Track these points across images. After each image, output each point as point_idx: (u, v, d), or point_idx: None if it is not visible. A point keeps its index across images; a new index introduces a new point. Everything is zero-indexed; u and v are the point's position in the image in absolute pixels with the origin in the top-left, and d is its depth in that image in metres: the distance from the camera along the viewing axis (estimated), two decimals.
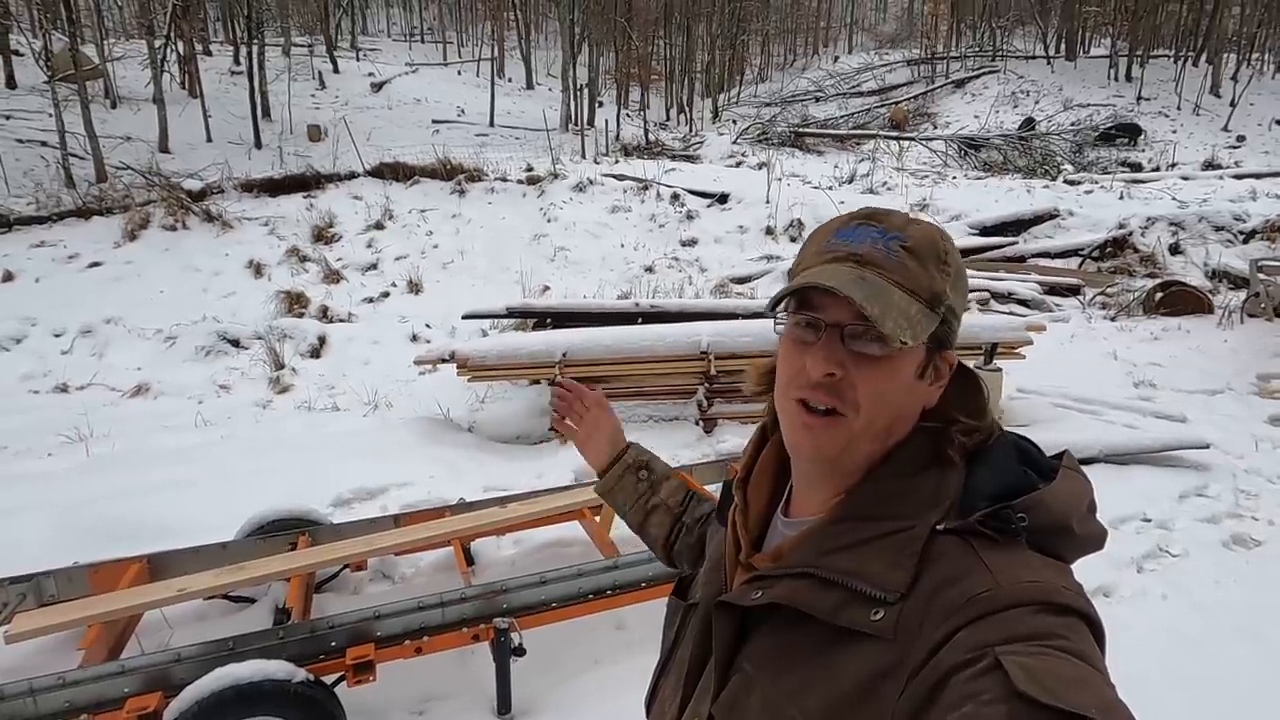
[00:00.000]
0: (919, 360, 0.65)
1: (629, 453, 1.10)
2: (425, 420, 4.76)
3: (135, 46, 17.59)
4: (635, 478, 1.09)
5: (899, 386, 0.65)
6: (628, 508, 1.09)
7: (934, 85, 24.85)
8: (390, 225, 8.99)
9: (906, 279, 0.64)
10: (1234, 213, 9.51)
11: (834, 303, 0.64)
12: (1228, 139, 18.28)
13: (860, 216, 0.68)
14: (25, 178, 10.15)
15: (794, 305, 0.68)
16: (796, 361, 0.66)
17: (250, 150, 13.42)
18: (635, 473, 1.09)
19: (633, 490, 1.08)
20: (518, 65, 26.45)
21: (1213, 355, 6.28)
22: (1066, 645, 0.51)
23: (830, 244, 0.68)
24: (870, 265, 0.64)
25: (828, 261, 0.66)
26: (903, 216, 0.68)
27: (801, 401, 0.66)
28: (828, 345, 0.64)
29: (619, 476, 1.09)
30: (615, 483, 1.09)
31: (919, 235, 0.66)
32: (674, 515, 1.07)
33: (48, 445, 4.56)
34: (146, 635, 2.62)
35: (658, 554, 1.10)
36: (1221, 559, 3.41)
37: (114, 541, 3.05)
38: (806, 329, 0.66)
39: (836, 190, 11.19)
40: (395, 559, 3.21)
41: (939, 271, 0.65)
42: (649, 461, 1.11)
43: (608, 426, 1.12)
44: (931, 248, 0.66)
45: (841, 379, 0.64)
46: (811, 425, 0.65)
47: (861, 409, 0.64)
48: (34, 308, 6.69)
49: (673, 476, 1.11)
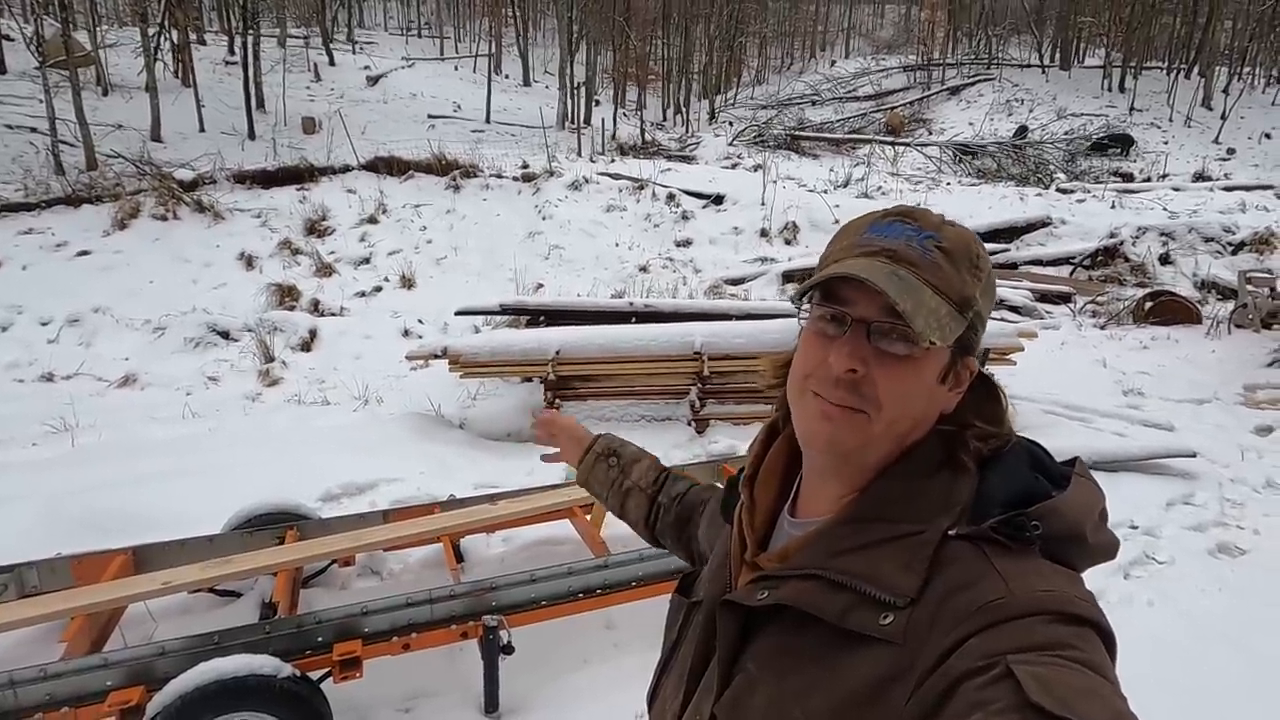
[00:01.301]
0: (943, 363, 0.64)
1: (597, 443, 1.18)
2: (416, 416, 4.74)
3: (128, 34, 17.42)
4: (605, 465, 1.15)
5: (921, 388, 0.64)
6: (605, 494, 1.15)
7: (930, 91, 24.95)
8: (384, 220, 8.94)
9: (939, 280, 0.63)
10: (1223, 224, 9.61)
11: (862, 297, 0.63)
12: (1218, 151, 18.45)
13: (895, 213, 0.67)
14: (14, 164, 10.02)
15: (819, 297, 0.66)
16: (818, 354, 0.65)
17: (244, 141, 13.30)
18: (605, 460, 1.15)
19: (605, 477, 1.15)
20: (515, 62, 26.38)
21: (1201, 365, 6.34)
22: (1079, 656, 0.51)
23: (864, 238, 0.66)
24: (904, 262, 0.63)
25: (860, 255, 0.65)
26: (938, 216, 0.67)
27: (820, 395, 0.65)
28: (853, 340, 0.63)
29: (590, 466, 1.16)
30: (588, 473, 1.16)
31: (954, 237, 0.65)
32: (649, 496, 1.12)
33: (33, 435, 4.51)
34: (130, 628, 2.59)
35: (642, 535, 1.15)
36: (1208, 567, 3.44)
37: (99, 533, 3.02)
38: (831, 322, 0.65)
39: (831, 194, 11.22)
40: (384, 555, 3.18)
41: (971, 275, 0.65)
42: (617, 449, 1.17)
43: (575, 430, 1.22)
44: (965, 251, 0.65)
45: (863, 376, 0.63)
46: (830, 415, 0.64)
47: (883, 408, 0.63)
48: (21, 295, 6.61)
49: (644, 459, 1.16)
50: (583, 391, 4.74)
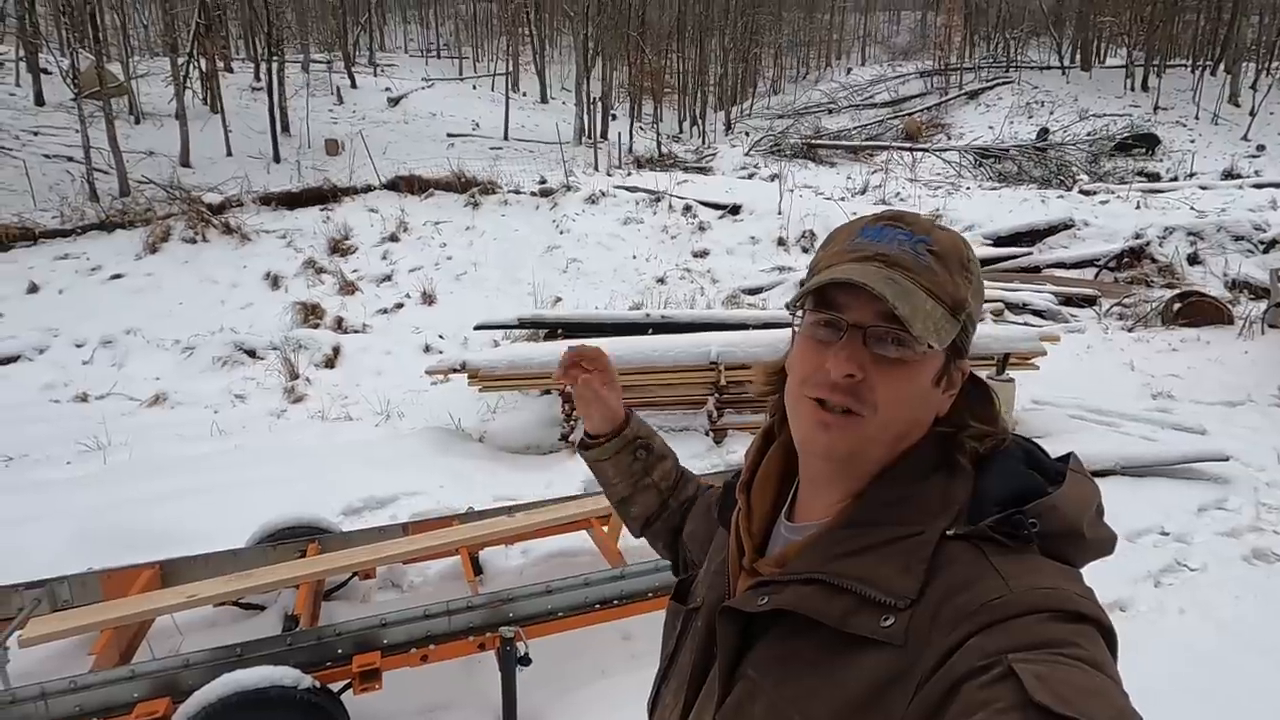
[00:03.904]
0: (937, 366, 0.65)
1: (629, 426, 1.03)
2: (436, 430, 4.79)
3: (159, 64, 18.00)
4: (632, 456, 1.03)
5: (917, 391, 0.64)
6: (618, 481, 1.04)
7: (947, 97, 24.79)
8: (405, 237, 9.09)
9: (933, 283, 0.63)
10: (1254, 222, 9.37)
11: (858, 302, 0.63)
12: (1247, 148, 18.05)
13: (885, 218, 0.68)
14: (51, 191, 10.39)
15: (814, 303, 0.67)
16: (815, 360, 0.65)
17: (269, 164, 13.65)
18: (632, 450, 1.03)
19: (626, 468, 1.03)
20: (532, 79, 26.75)
21: (1232, 367, 6.17)
22: (1081, 654, 0.50)
23: (855, 243, 0.67)
24: (898, 267, 0.63)
25: (853, 260, 0.65)
26: (928, 220, 0.68)
27: (818, 400, 0.65)
28: (849, 345, 0.63)
29: (615, 451, 1.03)
30: (611, 455, 1.03)
31: (945, 240, 0.66)
32: (662, 498, 1.05)
33: (67, 454, 4.64)
34: (157, 641, 2.65)
35: (630, 525, 1.08)
36: (1241, 574, 3.34)
37: (129, 549, 3.09)
38: (826, 328, 0.65)
39: (849, 201, 11.18)
40: (404, 567, 3.21)
41: (962, 278, 0.65)
42: (647, 440, 1.05)
43: (609, 398, 1.02)
44: (956, 254, 0.66)
45: (861, 381, 0.63)
46: (827, 422, 0.64)
47: (879, 411, 0.63)
48: (57, 319, 6.83)
49: (668, 458, 1.07)
50: None
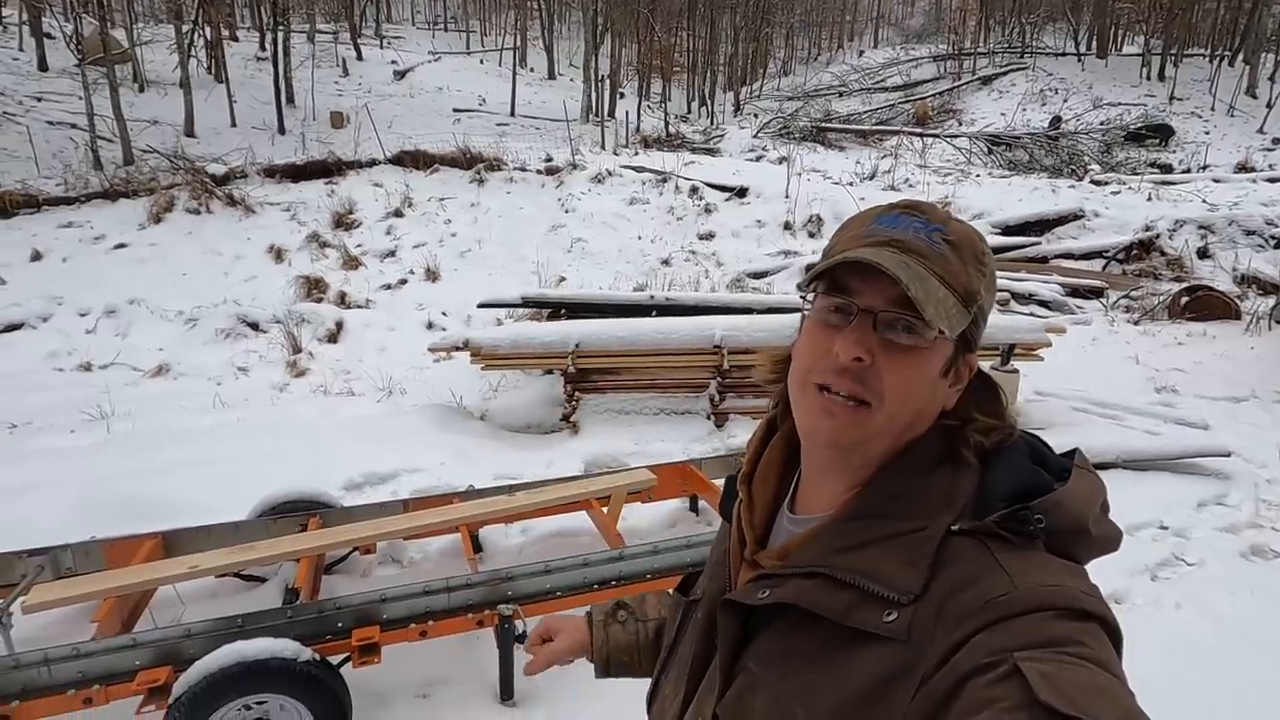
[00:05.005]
0: (946, 357, 0.64)
1: (593, 614, 1.03)
2: (438, 407, 4.79)
3: (163, 31, 17.81)
4: (619, 625, 1.01)
5: (925, 380, 0.64)
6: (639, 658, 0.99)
7: (960, 82, 24.44)
8: (409, 213, 9.04)
9: (946, 271, 0.63)
10: (1266, 217, 9.28)
11: (869, 287, 0.63)
12: (1263, 141, 17.80)
13: (901, 206, 0.68)
14: (55, 159, 10.34)
15: (825, 287, 0.66)
16: (823, 344, 0.64)
17: (274, 136, 13.56)
18: (613, 617, 1.01)
19: (626, 641, 1.00)
20: (540, 55, 26.45)
21: (1238, 362, 6.14)
22: (1086, 652, 0.50)
23: (871, 229, 0.66)
24: (912, 253, 0.63)
25: (867, 245, 0.64)
26: (944, 211, 0.68)
27: (824, 387, 0.64)
28: (859, 329, 0.62)
29: (603, 632, 1.01)
30: (605, 643, 1.00)
31: (961, 231, 0.66)
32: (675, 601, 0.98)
33: (70, 422, 4.66)
34: (159, 610, 2.67)
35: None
36: (1239, 569, 3.34)
37: (131, 518, 3.11)
38: (836, 313, 0.64)
39: (857, 186, 11.08)
40: (404, 543, 3.23)
41: (976, 270, 0.65)
42: (619, 601, 1.03)
43: (563, 621, 1.06)
44: (971, 245, 0.65)
45: (869, 367, 0.62)
46: (832, 410, 0.63)
47: (886, 400, 0.62)
48: (61, 287, 6.82)
49: (649, 595, 1.04)
50: (602, 384, 4.75)
